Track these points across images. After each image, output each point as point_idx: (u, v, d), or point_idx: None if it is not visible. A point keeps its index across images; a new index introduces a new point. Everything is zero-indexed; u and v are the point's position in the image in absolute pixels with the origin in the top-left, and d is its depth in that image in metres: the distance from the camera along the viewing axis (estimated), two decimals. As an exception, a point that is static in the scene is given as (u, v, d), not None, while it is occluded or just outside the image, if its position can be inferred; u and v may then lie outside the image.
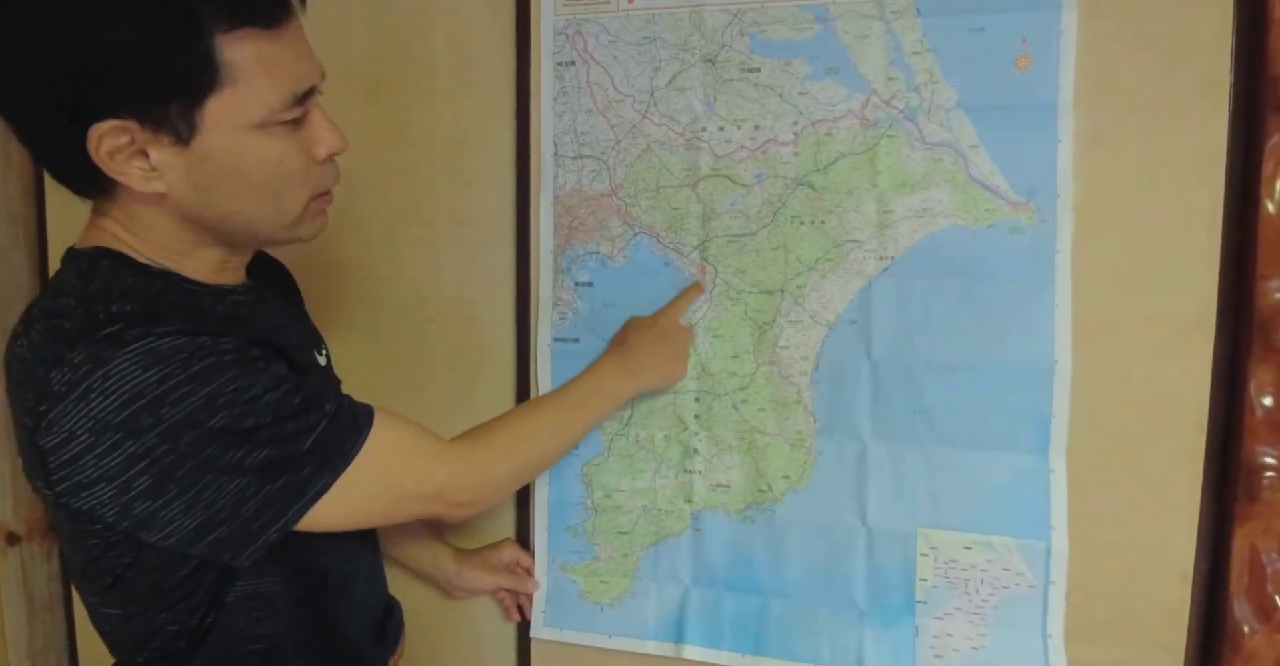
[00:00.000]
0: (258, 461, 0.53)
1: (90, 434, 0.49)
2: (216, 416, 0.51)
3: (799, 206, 0.81)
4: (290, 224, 0.60)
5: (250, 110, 0.53)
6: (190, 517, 0.52)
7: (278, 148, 0.56)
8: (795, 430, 0.83)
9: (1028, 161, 0.75)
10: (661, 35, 0.83)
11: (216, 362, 0.51)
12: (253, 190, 0.56)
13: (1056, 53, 0.74)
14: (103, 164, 0.52)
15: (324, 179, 0.61)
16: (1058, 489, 0.76)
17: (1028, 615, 0.78)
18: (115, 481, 0.50)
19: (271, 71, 0.53)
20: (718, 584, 0.86)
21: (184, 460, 0.51)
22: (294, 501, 0.55)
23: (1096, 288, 0.75)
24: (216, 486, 0.52)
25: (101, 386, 0.49)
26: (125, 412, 0.49)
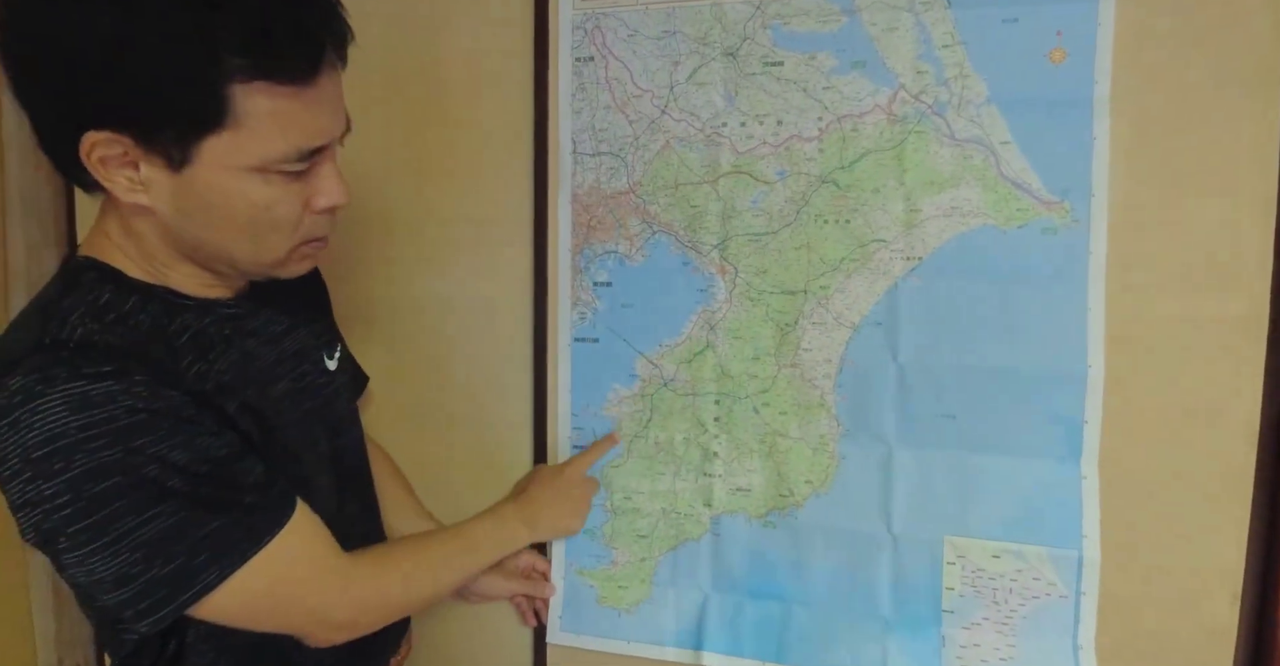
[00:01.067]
0: (152, 538, 0.51)
1: (17, 460, 0.49)
2: (127, 475, 0.50)
3: (823, 205, 0.79)
4: (270, 264, 0.59)
5: (249, 156, 0.52)
6: (85, 572, 0.51)
7: (269, 194, 0.54)
8: (818, 434, 0.81)
9: (1061, 159, 0.72)
10: (681, 29, 0.81)
11: (143, 421, 0.50)
12: (234, 228, 0.55)
13: (1093, 45, 0.71)
14: (91, 169, 0.52)
15: (316, 228, 0.59)
16: (1090, 497, 0.73)
17: (1058, 625, 0.75)
18: (31, 512, 0.50)
19: (282, 126, 0.52)
20: (738, 590, 0.84)
21: (84, 514, 0.50)
22: (178, 593, 0.53)
23: (1134, 290, 0.72)
24: (107, 554, 0.51)
25: (29, 421, 0.49)
26: (42, 451, 0.49)
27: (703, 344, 0.83)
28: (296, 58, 0.51)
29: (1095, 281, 0.72)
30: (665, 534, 0.86)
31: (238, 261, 0.58)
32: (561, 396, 0.88)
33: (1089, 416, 0.73)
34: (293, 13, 0.51)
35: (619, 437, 0.85)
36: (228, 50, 0.49)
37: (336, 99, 0.55)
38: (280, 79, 0.50)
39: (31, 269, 1.08)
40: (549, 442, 0.90)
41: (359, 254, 0.95)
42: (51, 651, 1.10)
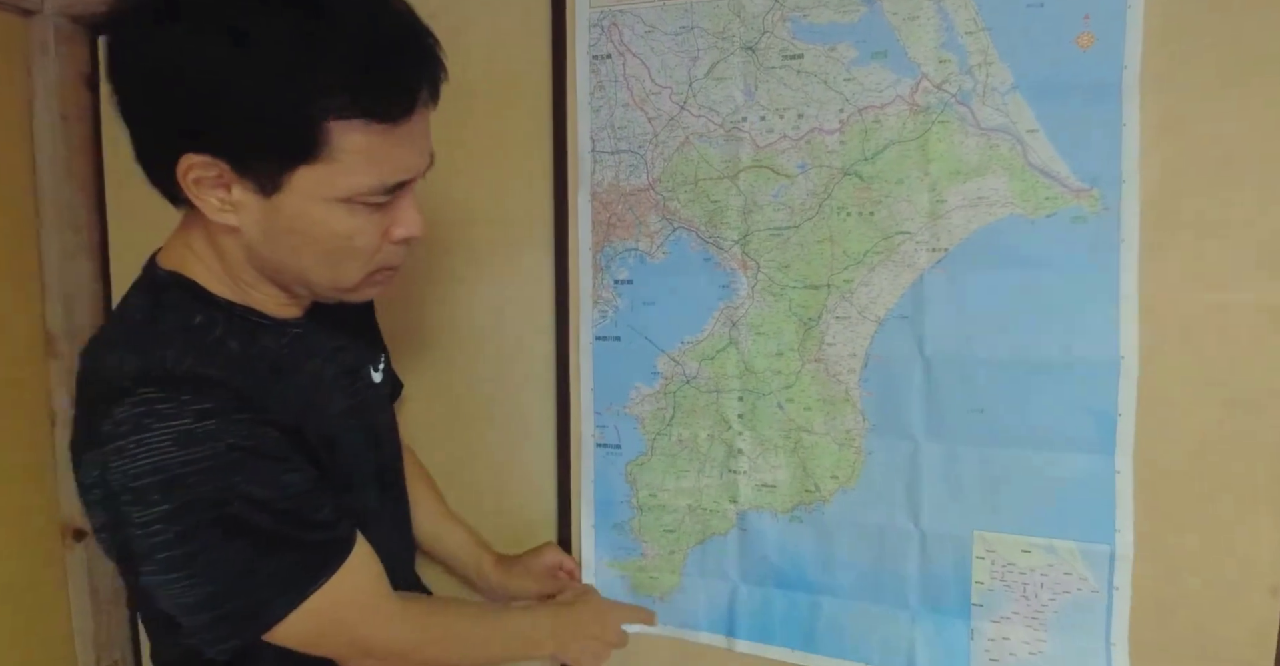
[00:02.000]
0: (235, 570, 0.54)
1: (117, 486, 0.52)
2: (217, 511, 0.53)
3: (846, 197, 0.78)
4: (344, 290, 0.61)
5: (337, 189, 0.54)
6: (166, 595, 0.55)
7: (353, 223, 0.56)
8: (844, 429, 0.80)
9: (1090, 146, 0.71)
10: (699, 24, 0.81)
11: (238, 459, 0.53)
12: (315, 254, 0.57)
13: (1122, 29, 0.69)
14: (185, 188, 0.54)
15: (391, 257, 0.61)
16: (1124, 491, 0.72)
17: (1091, 621, 0.74)
18: (118, 533, 0.53)
19: (373, 162, 0.54)
20: (766, 582, 0.84)
21: (175, 544, 0.52)
22: (253, 619, 0.56)
23: (1168, 278, 0.70)
24: (185, 584, 0.54)
25: (134, 451, 0.51)
26: (142, 481, 0.51)
27: (725, 340, 0.83)
28: (394, 98, 0.53)
29: (1128, 270, 0.70)
30: (692, 529, 0.86)
31: (313, 285, 0.60)
32: (584, 395, 0.88)
33: (1123, 409, 0.71)
34: (394, 56, 0.53)
35: (654, 620, 0.87)
36: (330, 88, 0.50)
37: (424, 135, 0.58)
38: (376, 118, 0.52)
39: (65, 278, 1.10)
40: (572, 442, 0.90)
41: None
42: (90, 650, 1.12)
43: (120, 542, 0.54)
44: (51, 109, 1.08)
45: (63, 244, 1.10)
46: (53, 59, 1.07)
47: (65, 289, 1.10)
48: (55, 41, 1.07)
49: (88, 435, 0.53)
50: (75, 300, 1.12)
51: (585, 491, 0.89)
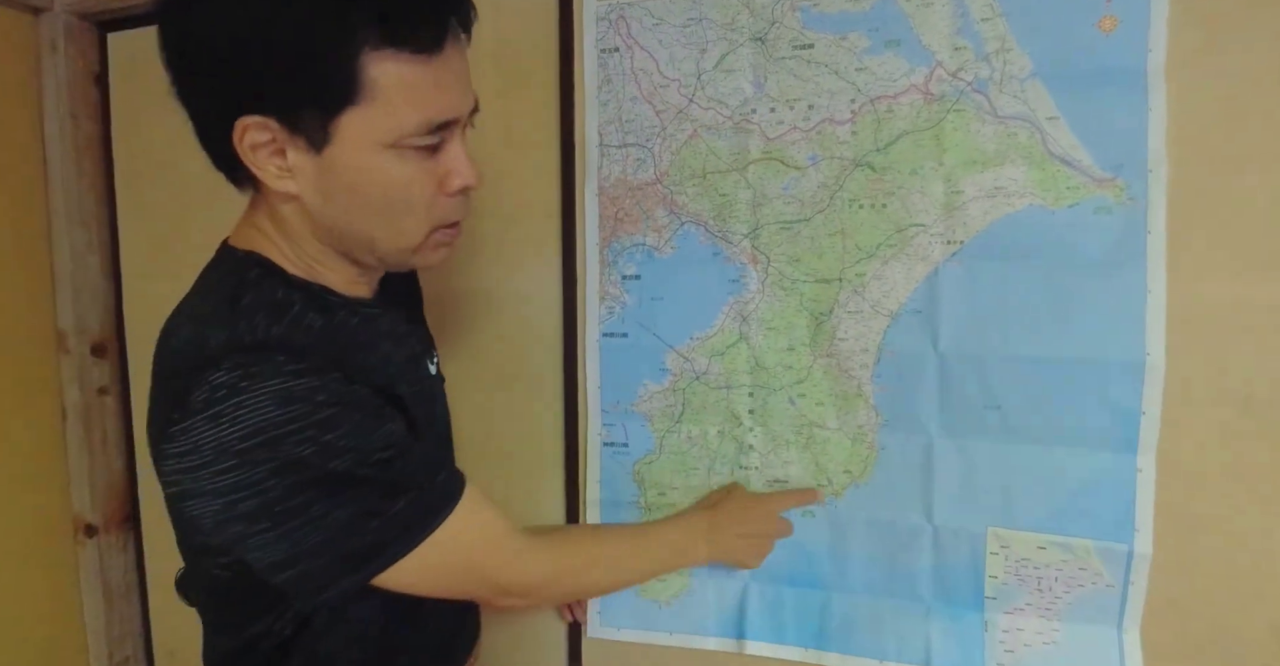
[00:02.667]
0: (348, 515, 0.54)
1: (212, 453, 0.51)
2: (326, 464, 0.52)
3: (857, 189, 0.76)
4: (409, 249, 0.60)
5: (383, 130, 0.53)
6: (278, 549, 0.54)
7: (405, 171, 0.55)
8: (856, 425, 0.78)
9: (1114, 133, 0.68)
10: (708, 15, 0.79)
11: (341, 412, 0.53)
12: (373, 209, 0.56)
13: (1147, 11, 0.67)
14: (243, 155, 0.54)
15: (449, 211, 0.59)
16: (1145, 490, 0.70)
17: (1104, 612, 0.73)
18: (223, 498, 0.52)
19: (413, 97, 0.53)
20: (778, 579, 0.83)
21: (285, 498, 0.52)
22: (369, 562, 0.56)
23: (1196, 272, 0.68)
24: (306, 529, 0.53)
25: (233, 414, 0.50)
26: (247, 443, 0.51)
27: (735, 336, 0.81)
28: (424, 27, 0.52)
29: (1155, 263, 0.68)
30: (702, 529, 0.85)
31: (377, 246, 0.59)
32: (590, 393, 0.87)
33: (1147, 407, 0.69)
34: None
35: (821, 497, 0.81)
36: (360, 22, 0.50)
37: (463, 74, 0.56)
38: (408, 48, 0.52)
39: (76, 274, 1.11)
40: (580, 440, 0.88)
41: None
42: (103, 645, 1.13)
43: (219, 508, 0.53)
44: (61, 107, 1.08)
45: (73, 241, 1.10)
46: (62, 57, 1.07)
47: (76, 285, 1.11)
48: (65, 39, 1.07)
49: (176, 408, 0.52)
50: (85, 297, 1.12)
51: (591, 492, 0.88)
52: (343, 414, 0.53)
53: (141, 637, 1.17)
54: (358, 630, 0.64)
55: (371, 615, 0.64)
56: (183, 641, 1.15)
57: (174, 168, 1.08)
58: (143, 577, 1.16)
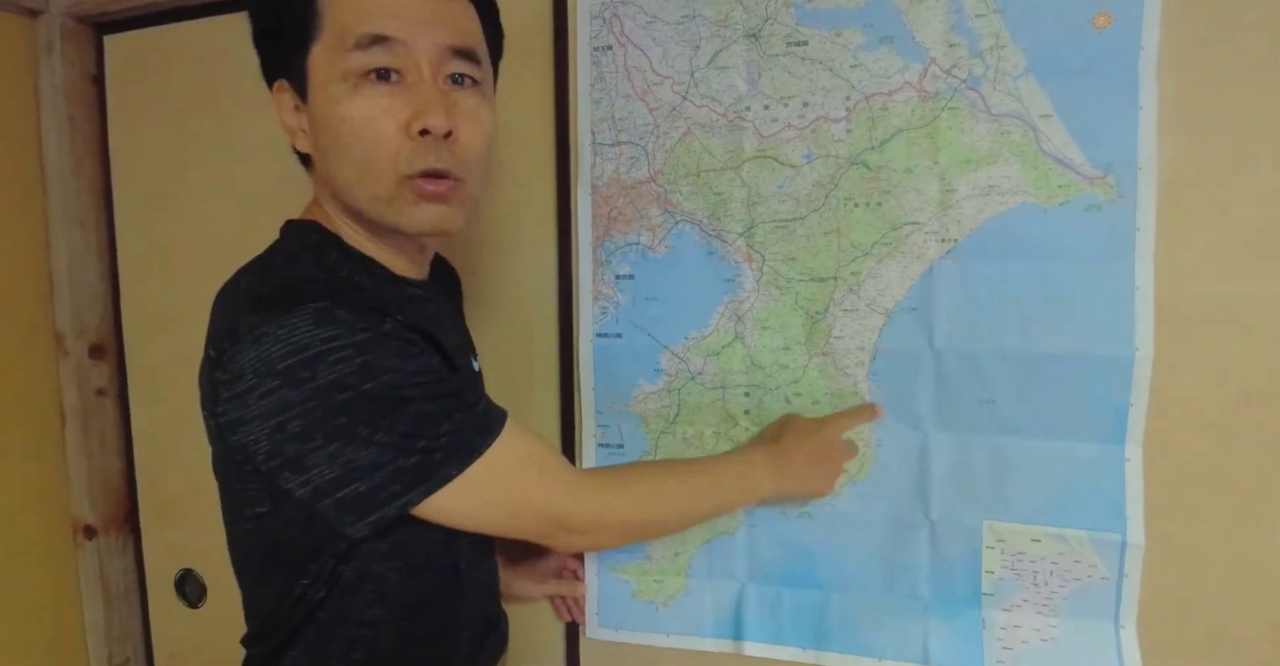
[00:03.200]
0: (396, 435, 0.53)
1: (256, 375, 0.52)
2: (368, 383, 0.52)
3: (853, 187, 0.76)
4: (384, 201, 0.58)
5: (335, 60, 0.56)
6: (329, 468, 0.53)
7: (365, 106, 0.56)
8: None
9: (1106, 131, 0.68)
10: (701, 12, 0.79)
11: (380, 336, 0.53)
12: (344, 151, 0.57)
13: (1140, 7, 0.67)
14: (281, 121, 0.61)
15: (416, 157, 0.57)
16: (1134, 479, 0.70)
17: (1100, 606, 0.73)
18: (271, 420, 0.52)
19: (355, 15, 0.56)
20: (775, 579, 0.83)
21: (332, 416, 0.52)
22: (420, 482, 0.55)
23: (1185, 268, 0.68)
24: (355, 447, 0.53)
25: (275, 333, 0.51)
26: (289, 361, 0.51)
27: (730, 335, 0.81)
28: None
29: (1143, 259, 0.68)
30: (699, 528, 0.85)
31: (360, 200, 0.59)
32: (585, 394, 0.87)
33: (1135, 400, 0.69)
34: None
35: (879, 412, 0.77)
36: None
37: (429, 9, 0.57)
38: None
39: (74, 276, 1.11)
40: (576, 442, 0.88)
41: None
42: (102, 646, 1.13)
43: (269, 431, 0.53)
44: (58, 108, 1.08)
45: (70, 243, 1.10)
46: (59, 58, 1.07)
47: (74, 287, 1.11)
48: (61, 41, 1.07)
49: (227, 344, 0.53)
50: (84, 298, 1.12)
51: (590, 489, 0.88)
52: (381, 341, 0.53)
53: (141, 639, 1.17)
54: (384, 595, 0.63)
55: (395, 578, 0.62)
56: (182, 643, 1.16)
57: (171, 169, 1.08)
58: (142, 579, 1.16)
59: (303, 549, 0.59)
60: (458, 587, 0.67)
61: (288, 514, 0.58)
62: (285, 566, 0.60)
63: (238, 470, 0.58)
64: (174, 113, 1.06)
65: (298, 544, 0.59)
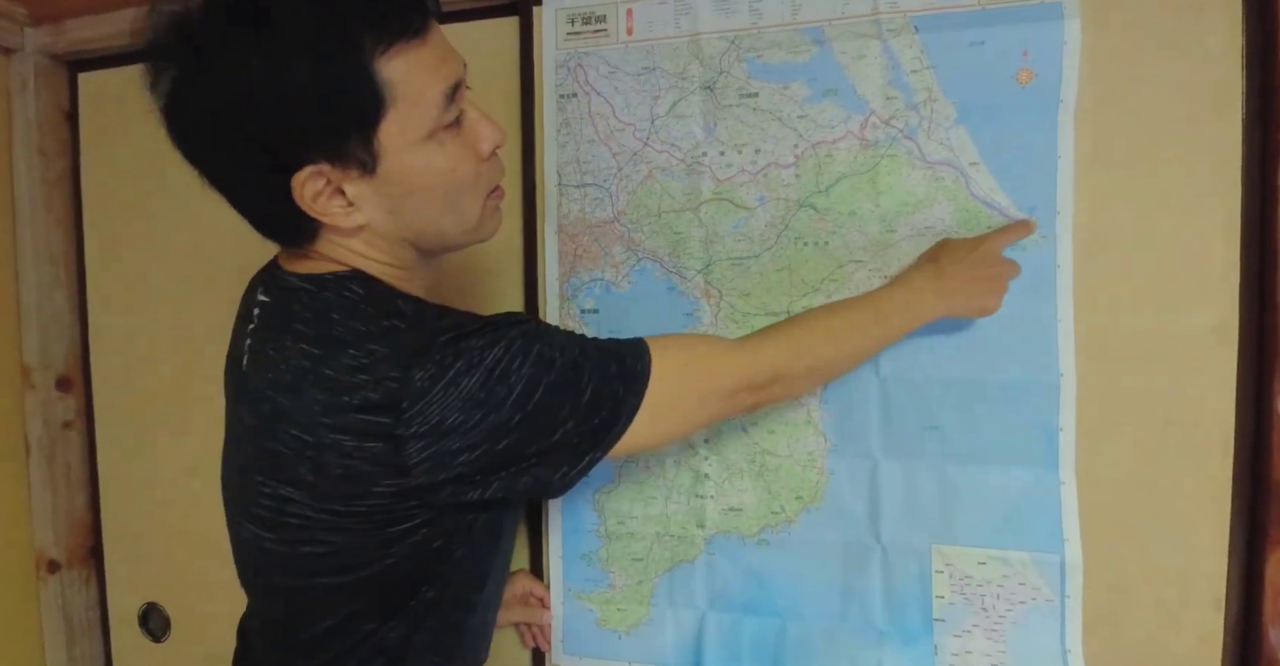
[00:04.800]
0: (587, 399, 0.59)
1: (461, 412, 0.55)
2: (551, 373, 0.58)
3: (802, 228, 0.81)
4: (474, 226, 0.64)
5: (416, 122, 0.56)
6: (558, 458, 0.59)
7: (449, 156, 0.59)
8: (806, 451, 0.82)
9: (1029, 177, 0.74)
10: (660, 65, 0.84)
11: (530, 329, 0.59)
12: (436, 202, 0.60)
13: (1059, 65, 0.73)
14: (309, 209, 0.57)
15: (493, 175, 0.64)
16: (1069, 501, 0.75)
17: (1046, 630, 0.76)
18: (479, 448, 0.56)
19: (425, 77, 0.56)
20: (734, 607, 0.85)
21: (534, 415, 0.57)
22: (612, 426, 0.60)
23: (1104, 303, 0.74)
24: (559, 429, 0.58)
25: (466, 370, 0.55)
26: (486, 389, 0.56)
27: (690, 366, 0.85)
28: (410, 15, 0.55)
29: (1064, 295, 0.74)
30: (660, 556, 0.87)
31: (449, 236, 0.64)
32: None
33: (1064, 424, 0.74)
34: None
35: (1033, 224, 0.74)
36: (361, 37, 0.53)
37: (445, 40, 0.60)
38: (403, 39, 0.55)
39: (43, 309, 1.11)
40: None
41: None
42: (63, 683, 1.12)
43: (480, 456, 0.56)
44: (30, 144, 1.10)
45: (40, 277, 1.11)
46: (32, 95, 1.09)
47: (42, 321, 1.11)
48: (35, 78, 1.09)
49: (400, 400, 0.55)
50: (52, 332, 1.13)
51: (554, 521, 0.90)
52: (534, 332, 0.59)
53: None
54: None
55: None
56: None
57: (141, 204, 1.10)
58: (104, 614, 1.15)
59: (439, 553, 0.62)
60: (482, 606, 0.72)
61: (440, 527, 0.61)
62: (408, 581, 0.63)
63: (401, 512, 0.59)
64: (145, 150, 1.08)
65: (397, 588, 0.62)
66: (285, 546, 0.62)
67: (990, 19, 0.75)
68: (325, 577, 0.62)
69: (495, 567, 0.71)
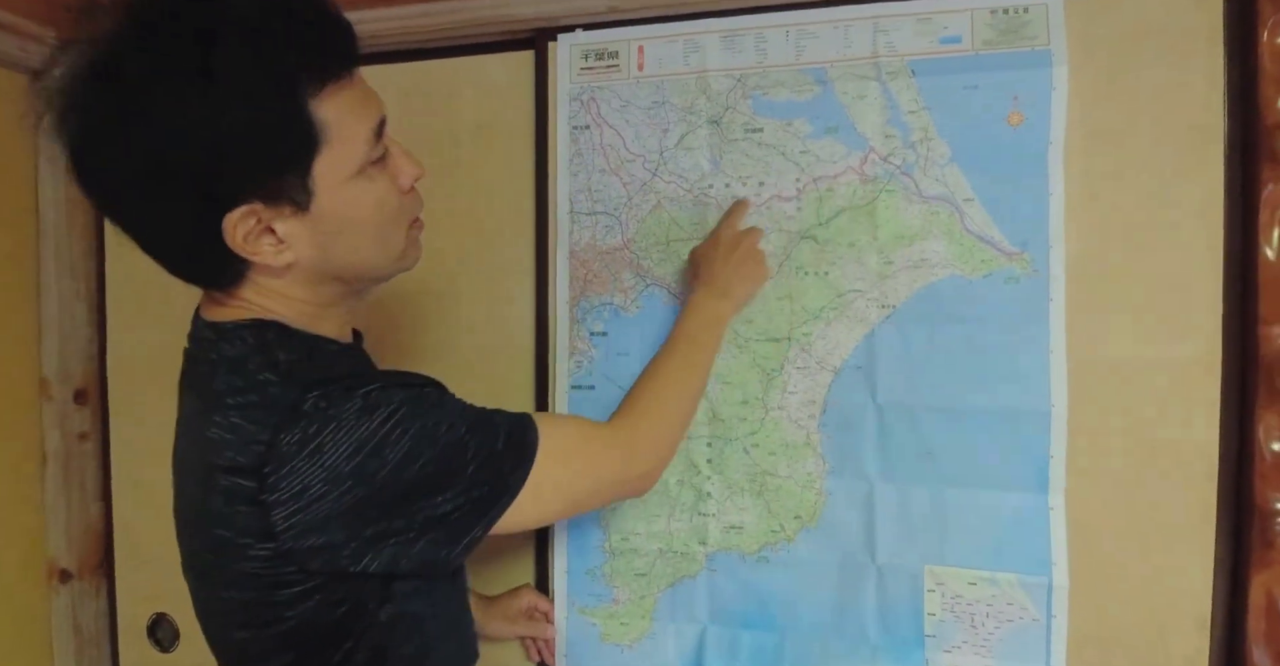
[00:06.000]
0: (470, 474, 0.58)
1: (325, 483, 0.54)
2: (433, 448, 0.57)
3: (803, 258, 0.84)
4: (398, 257, 0.65)
5: (348, 161, 0.57)
6: (412, 529, 0.57)
7: (377, 190, 0.60)
8: (805, 472, 0.85)
9: (1021, 213, 0.78)
10: (670, 99, 0.88)
11: (418, 402, 0.58)
12: (367, 236, 0.61)
13: (1048, 108, 0.78)
14: (239, 248, 0.56)
15: (413, 207, 0.65)
16: (1057, 526, 0.78)
17: (1032, 646, 0.79)
18: (347, 518, 0.55)
19: (354, 116, 0.57)
20: (734, 622, 0.88)
21: (409, 491, 0.56)
22: (497, 501, 0.60)
23: (1093, 334, 0.77)
24: (435, 503, 0.57)
25: (333, 439, 0.54)
26: (355, 461, 0.54)
27: (694, 388, 0.88)
28: (339, 58, 0.57)
29: (1056, 326, 0.77)
30: (663, 572, 0.90)
31: (377, 267, 0.64)
32: (559, 442, 0.93)
33: (1054, 452, 0.77)
34: (319, 25, 0.56)
35: (749, 203, 0.85)
36: (295, 78, 0.54)
37: (366, 82, 0.61)
38: (333, 79, 0.56)
39: (62, 323, 1.14)
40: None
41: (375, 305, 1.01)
42: (73, 693, 1.13)
43: (345, 529, 0.55)
44: (56, 161, 1.13)
45: (61, 290, 1.14)
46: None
47: (62, 333, 1.14)
48: (64, 100, 1.13)
49: (264, 464, 0.54)
50: (71, 345, 1.15)
51: (559, 536, 0.93)
52: (414, 404, 0.57)
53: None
54: None
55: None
56: (149, 688, 1.16)
57: (165, 223, 1.13)
58: (114, 624, 1.17)
59: (345, 616, 0.60)
60: (467, 616, 0.72)
61: (338, 594, 0.59)
62: (325, 641, 0.60)
63: (284, 576, 0.57)
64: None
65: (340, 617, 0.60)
66: (205, 594, 0.64)
67: (983, 65, 0.79)
68: (241, 632, 0.61)
69: (442, 631, 0.67)
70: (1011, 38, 0.78)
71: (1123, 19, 0.76)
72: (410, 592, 0.62)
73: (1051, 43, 0.77)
